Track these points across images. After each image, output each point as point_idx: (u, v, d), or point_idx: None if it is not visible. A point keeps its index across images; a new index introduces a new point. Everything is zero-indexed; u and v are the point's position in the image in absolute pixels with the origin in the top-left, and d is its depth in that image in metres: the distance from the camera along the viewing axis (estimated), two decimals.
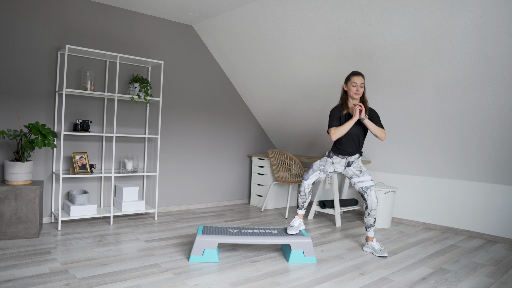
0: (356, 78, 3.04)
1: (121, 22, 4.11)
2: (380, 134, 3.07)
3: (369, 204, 3.15)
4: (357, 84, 3.03)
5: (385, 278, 2.60)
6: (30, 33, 3.57)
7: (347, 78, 3.10)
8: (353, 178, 3.22)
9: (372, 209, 3.14)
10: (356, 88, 3.04)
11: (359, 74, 3.06)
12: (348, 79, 3.09)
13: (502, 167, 3.58)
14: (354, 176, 3.21)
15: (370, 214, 3.16)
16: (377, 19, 3.24)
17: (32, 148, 3.22)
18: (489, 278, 2.68)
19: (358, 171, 3.20)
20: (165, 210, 4.54)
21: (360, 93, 3.05)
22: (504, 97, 3.10)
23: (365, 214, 3.19)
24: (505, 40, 2.78)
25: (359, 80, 3.04)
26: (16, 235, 3.14)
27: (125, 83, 4.17)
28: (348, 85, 3.08)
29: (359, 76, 3.05)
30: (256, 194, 5.14)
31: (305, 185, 3.07)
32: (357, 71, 3.10)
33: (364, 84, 3.08)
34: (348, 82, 3.08)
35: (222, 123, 5.06)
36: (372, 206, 3.13)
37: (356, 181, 3.20)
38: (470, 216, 3.93)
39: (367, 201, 3.15)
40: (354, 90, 3.04)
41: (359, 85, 3.03)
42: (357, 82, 3.03)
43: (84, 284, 2.28)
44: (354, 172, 3.21)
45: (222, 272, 2.59)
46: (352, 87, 3.05)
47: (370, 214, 3.16)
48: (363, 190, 3.16)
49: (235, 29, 4.26)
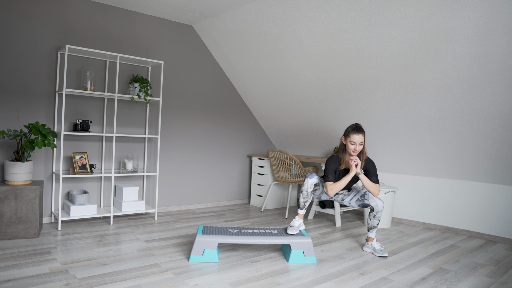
0: (356, 136, 2.97)
1: (121, 22, 4.11)
2: (373, 190, 3.04)
3: (375, 207, 3.09)
4: (356, 143, 2.98)
5: (385, 278, 2.60)
6: (30, 33, 3.57)
7: (346, 133, 3.03)
8: (345, 199, 3.26)
9: (379, 211, 3.09)
10: (354, 147, 2.98)
11: (359, 132, 2.98)
12: (347, 135, 3.02)
13: (502, 167, 3.58)
14: (345, 196, 3.26)
15: (376, 216, 3.12)
16: (377, 19, 3.24)
17: (32, 148, 3.22)
18: (489, 278, 2.68)
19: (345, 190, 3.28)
20: (165, 210, 4.54)
21: (357, 151, 3.00)
22: (504, 97, 3.10)
23: (370, 215, 3.15)
24: (505, 40, 2.78)
25: (358, 138, 2.97)
26: (16, 235, 3.14)
27: (125, 83, 4.17)
28: (346, 140, 3.03)
29: (359, 134, 2.97)
30: (256, 194, 5.14)
31: (308, 183, 3.05)
32: (358, 127, 3.00)
33: (364, 140, 3.01)
34: (347, 138, 3.02)
35: (222, 123, 5.06)
36: (378, 208, 3.09)
37: (349, 199, 3.24)
38: (470, 216, 3.93)
39: (371, 205, 3.09)
40: (352, 148, 2.99)
41: (358, 143, 2.98)
42: (356, 141, 2.97)
43: (84, 284, 2.28)
44: (343, 196, 3.27)
45: (222, 272, 2.59)
46: (350, 145, 2.99)
47: (376, 216, 3.12)
48: (361, 200, 3.16)
49: (235, 29, 4.26)
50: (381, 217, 3.25)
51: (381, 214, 3.13)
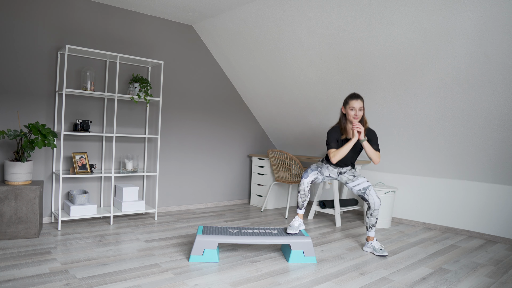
0: (355, 102, 2.98)
1: (121, 22, 4.11)
2: (375, 157, 3.06)
3: (371, 204, 3.13)
4: (356, 109, 2.98)
5: (385, 278, 2.60)
6: (30, 33, 3.57)
7: (345, 101, 3.04)
8: (348, 183, 3.25)
9: (375, 209, 3.13)
10: (355, 113, 2.98)
11: (358, 98, 2.99)
12: (346, 103, 3.03)
13: (502, 167, 3.58)
14: (349, 181, 3.24)
15: (373, 214, 3.15)
16: (377, 19, 3.24)
17: (32, 148, 3.22)
18: (489, 278, 2.68)
19: (352, 176, 3.24)
20: (165, 210, 4.54)
21: (358, 117, 3.00)
22: (504, 97, 3.10)
23: (367, 214, 3.18)
24: (505, 40, 2.78)
25: (357, 104, 2.97)
26: (16, 235, 3.14)
27: (125, 83, 4.17)
28: (346, 108, 3.03)
29: (358, 100, 2.98)
30: (256, 194, 5.14)
31: (304, 183, 3.08)
32: (356, 94, 3.03)
33: (364, 107, 3.01)
34: (347, 106, 3.02)
35: (222, 123, 5.06)
36: (375, 205, 3.12)
37: (352, 185, 3.22)
38: (470, 216, 3.93)
39: (369, 201, 3.13)
40: (353, 114, 2.99)
41: (358, 109, 2.98)
42: (355, 107, 2.98)
43: (84, 284, 2.28)
44: (348, 178, 3.25)
45: (222, 272, 2.59)
46: (350, 112, 3.00)
47: (373, 214, 3.15)
48: (362, 192, 3.16)
49: (235, 29, 4.26)
50: (378, 216, 3.26)
51: (378, 212, 3.15)
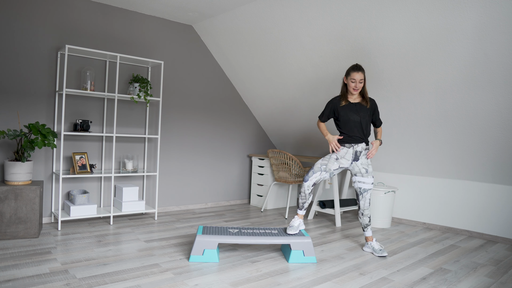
0: (356, 74, 3.02)
1: (121, 22, 4.11)
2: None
3: (361, 205, 3.19)
4: (356, 80, 3.02)
5: (385, 278, 2.60)
6: (30, 33, 3.57)
7: (347, 72, 3.09)
8: (357, 175, 3.17)
9: (365, 209, 3.18)
10: (355, 84, 3.03)
11: (359, 70, 3.03)
12: (348, 74, 3.07)
13: (502, 167, 3.58)
14: (359, 174, 3.16)
15: (364, 214, 3.19)
16: (377, 19, 3.24)
17: (32, 148, 3.22)
18: (489, 278, 2.68)
19: (364, 169, 3.14)
20: (165, 210, 4.54)
21: (358, 89, 3.05)
22: (504, 97, 3.10)
23: (359, 214, 3.23)
24: (505, 40, 2.77)
25: (358, 76, 3.01)
26: (16, 235, 3.14)
27: (125, 83, 4.17)
28: (347, 79, 3.08)
29: (359, 72, 3.02)
30: (256, 194, 5.14)
31: (305, 186, 3.08)
32: (358, 65, 3.06)
33: (364, 78, 3.06)
34: (348, 77, 3.07)
35: (222, 123, 5.06)
36: (364, 206, 3.18)
37: (358, 179, 3.17)
38: (470, 216, 3.93)
39: (360, 202, 3.19)
40: (353, 86, 3.04)
41: (358, 81, 3.02)
42: (356, 78, 3.02)
43: (84, 284, 2.28)
44: (360, 170, 3.14)
45: (222, 272, 2.59)
46: (351, 83, 3.05)
47: (364, 214, 3.19)
48: (360, 191, 3.18)
49: (235, 29, 4.26)
50: (370, 215, 3.27)
51: (369, 211, 3.19)
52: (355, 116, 3.09)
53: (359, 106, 3.11)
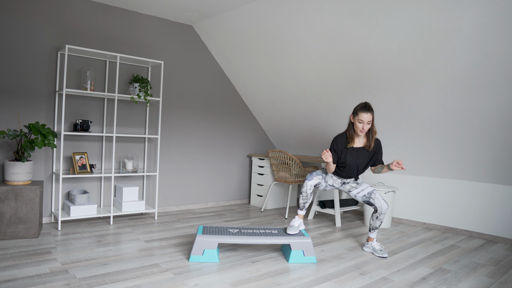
0: (364, 115, 2.91)
1: (121, 22, 4.11)
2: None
3: (378, 208, 3.07)
4: (364, 122, 2.92)
5: (385, 278, 2.60)
6: (30, 33, 3.57)
7: (355, 111, 2.97)
8: (351, 191, 3.23)
9: (382, 213, 3.07)
10: (362, 126, 2.93)
11: (368, 111, 2.92)
12: (356, 113, 2.96)
13: (502, 167, 3.58)
14: (352, 189, 3.23)
15: (379, 218, 3.10)
16: (377, 19, 3.24)
17: (32, 148, 3.22)
18: (489, 278, 2.68)
19: (355, 183, 3.24)
20: (165, 210, 4.54)
21: (365, 131, 2.96)
22: (504, 97, 3.10)
23: (373, 216, 3.14)
24: (505, 40, 2.78)
25: (367, 117, 2.91)
26: (16, 235, 3.14)
27: (125, 83, 4.17)
28: (355, 119, 2.97)
29: (368, 113, 2.91)
30: (256, 194, 5.14)
31: (308, 185, 3.05)
32: (367, 105, 2.94)
33: (373, 119, 2.95)
34: (355, 117, 2.96)
35: (222, 123, 5.06)
36: (382, 209, 3.06)
37: (356, 192, 3.20)
38: (470, 216, 3.93)
39: (376, 205, 3.08)
40: (360, 127, 2.94)
41: (366, 122, 2.92)
42: (364, 120, 2.92)
43: (84, 284, 2.28)
44: (351, 186, 3.24)
45: (222, 272, 2.59)
46: (358, 124, 2.94)
47: (379, 217, 3.10)
48: (367, 197, 3.13)
49: (235, 29, 4.26)
50: (383, 219, 3.24)
51: (384, 216, 3.11)
52: (354, 162, 3.09)
53: (361, 151, 3.06)
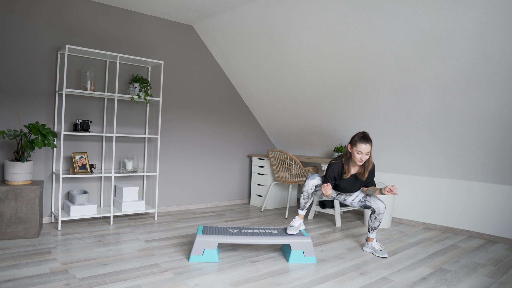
0: (363, 146, 2.88)
1: (121, 22, 4.11)
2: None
3: (376, 209, 3.08)
4: (363, 153, 2.90)
5: (385, 278, 2.60)
6: (30, 33, 3.56)
7: (353, 141, 2.94)
8: (347, 199, 3.25)
9: (380, 213, 3.08)
10: (361, 157, 2.91)
11: (367, 142, 2.89)
12: (354, 144, 2.93)
13: (502, 167, 3.58)
14: (347, 197, 3.25)
15: (377, 218, 3.11)
16: (377, 19, 3.24)
17: (32, 148, 3.22)
18: (489, 278, 2.68)
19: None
20: (165, 210, 4.54)
21: (363, 161, 2.94)
22: (504, 97, 3.10)
23: (371, 217, 3.15)
24: (505, 40, 2.78)
25: (365, 148, 2.88)
26: (16, 235, 3.14)
27: (125, 83, 4.17)
28: (353, 149, 2.95)
29: (367, 144, 2.89)
30: (256, 194, 5.14)
31: (309, 184, 3.04)
32: (366, 136, 2.91)
33: (371, 151, 2.89)
34: (354, 147, 2.93)
35: (222, 123, 5.06)
36: (379, 210, 3.07)
37: (351, 199, 3.22)
38: (470, 216, 3.93)
39: (373, 207, 3.09)
40: (358, 158, 2.92)
41: (365, 153, 2.90)
42: (362, 151, 2.89)
43: (84, 284, 2.28)
44: (346, 195, 3.26)
45: (222, 272, 2.59)
46: (357, 155, 2.92)
47: (377, 218, 3.11)
48: (363, 201, 3.15)
49: (235, 29, 4.26)
50: (382, 219, 3.25)
51: (382, 216, 3.12)
52: (348, 187, 3.13)
53: (355, 178, 3.07)
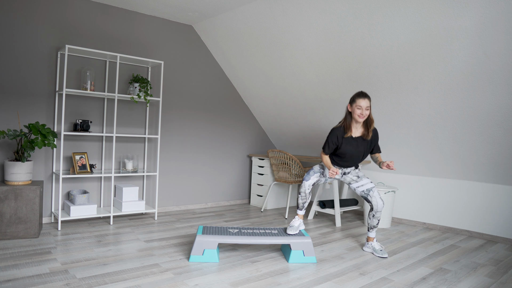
0: (362, 100, 2.90)
1: (121, 22, 4.11)
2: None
3: (374, 206, 3.10)
4: (362, 108, 2.90)
5: (385, 278, 2.60)
6: (30, 33, 3.57)
7: (352, 99, 2.97)
8: (352, 184, 3.22)
9: (378, 211, 3.10)
10: (361, 111, 2.91)
11: (365, 97, 2.92)
12: (353, 101, 2.95)
13: (502, 167, 3.58)
14: (353, 181, 3.22)
15: (375, 216, 3.13)
16: (377, 19, 3.24)
17: (32, 148, 3.22)
18: (489, 278, 2.68)
19: (355, 176, 3.21)
20: (165, 210, 4.54)
21: (364, 116, 2.93)
22: (504, 97, 3.10)
23: (370, 215, 3.16)
24: (505, 40, 2.78)
25: (364, 103, 2.90)
26: (16, 235, 3.14)
27: (125, 83, 4.17)
28: (352, 106, 2.96)
29: (365, 99, 2.90)
30: (256, 194, 5.14)
31: (306, 185, 3.07)
32: (364, 92, 2.94)
33: (370, 106, 2.92)
34: (353, 104, 2.95)
35: (222, 123, 5.06)
36: (377, 207, 3.09)
37: (356, 186, 3.20)
38: (470, 216, 3.93)
39: (372, 203, 3.10)
40: (358, 113, 2.92)
41: (364, 108, 2.90)
42: (362, 106, 2.90)
43: (84, 284, 2.28)
44: (352, 178, 3.22)
45: (222, 272, 2.59)
46: (357, 110, 2.92)
47: (375, 216, 3.12)
48: (365, 193, 3.14)
49: (235, 29, 4.26)
50: (380, 217, 3.26)
51: (380, 214, 3.12)
52: (353, 151, 3.06)
53: (360, 140, 3.04)
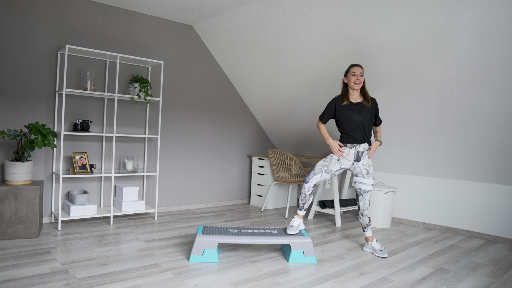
0: (355, 68, 3.08)
1: (121, 22, 4.11)
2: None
3: (361, 206, 3.20)
4: (357, 74, 3.06)
5: (385, 278, 2.60)
6: (30, 33, 3.57)
7: (346, 71, 3.14)
8: (357, 176, 3.17)
9: (365, 209, 3.19)
10: (356, 77, 3.06)
11: (358, 65, 3.11)
12: (348, 71, 3.12)
13: (502, 167, 3.58)
14: (360, 175, 3.16)
15: (364, 214, 3.20)
16: (377, 19, 3.24)
17: (32, 148, 3.22)
18: (489, 278, 2.68)
19: (365, 170, 3.14)
20: (165, 210, 4.54)
21: (360, 82, 3.07)
22: (504, 97, 3.10)
23: (359, 215, 3.24)
24: (505, 40, 2.78)
25: (358, 70, 3.07)
26: (16, 235, 3.14)
27: (125, 83, 4.17)
28: (348, 76, 3.11)
29: (358, 67, 3.09)
30: (256, 194, 5.14)
31: (306, 188, 3.08)
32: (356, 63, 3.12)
33: (364, 75, 3.14)
34: (348, 74, 3.11)
35: (222, 123, 5.06)
36: (364, 207, 3.19)
37: (359, 180, 3.17)
38: (470, 216, 3.93)
39: (360, 202, 3.20)
40: (354, 79, 3.06)
41: (359, 74, 3.06)
42: (356, 72, 3.07)
43: (84, 284, 2.28)
44: (361, 171, 3.14)
45: (222, 272, 2.59)
46: (352, 77, 3.07)
47: (364, 214, 3.20)
48: (360, 192, 3.18)
49: (235, 29, 4.26)
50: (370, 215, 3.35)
51: (368, 212, 3.20)
52: (357, 116, 3.07)
53: (360, 106, 3.11)
